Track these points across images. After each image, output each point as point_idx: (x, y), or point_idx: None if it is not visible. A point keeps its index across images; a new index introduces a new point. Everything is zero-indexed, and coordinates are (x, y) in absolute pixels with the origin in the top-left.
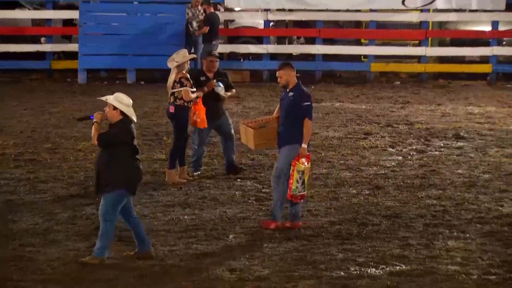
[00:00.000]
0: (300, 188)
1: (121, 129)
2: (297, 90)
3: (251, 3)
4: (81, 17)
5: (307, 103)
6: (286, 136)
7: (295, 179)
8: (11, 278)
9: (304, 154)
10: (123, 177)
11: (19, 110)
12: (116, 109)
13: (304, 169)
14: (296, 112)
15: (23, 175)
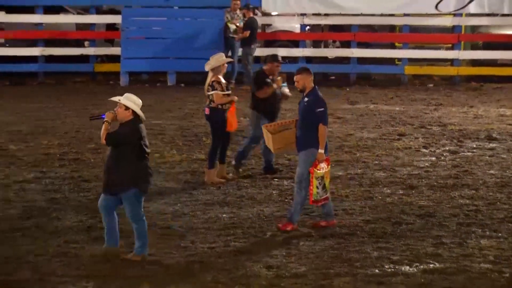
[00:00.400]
0: (322, 193)
1: (131, 128)
2: (312, 96)
3: (287, 8)
4: (124, 21)
5: (321, 109)
6: (303, 140)
7: (315, 185)
8: (56, 273)
9: (321, 159)
10: (132, 177)
11: (63, 112)
12: (128, 109)
13: (323, 174)
14: (311, 118)
15: (67, 174)
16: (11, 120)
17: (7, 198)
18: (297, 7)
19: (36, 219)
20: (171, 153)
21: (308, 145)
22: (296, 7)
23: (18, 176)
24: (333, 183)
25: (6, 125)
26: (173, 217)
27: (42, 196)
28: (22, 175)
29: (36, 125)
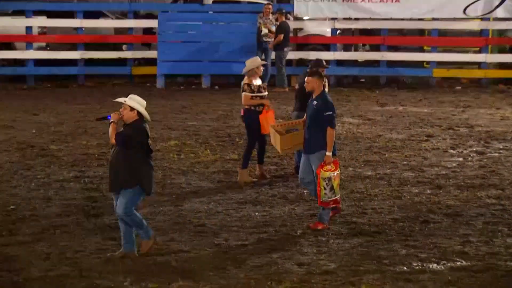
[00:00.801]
0: (330, 194)
1: (136, 129)
2: (321, 99)
3: (319, 13)
4: (160, 26)
5: (329, 113)
6: (312, 143)
7: (322, 186)
8: (95, 269)
9: (329, 162)
10: (137, 177)
11: (102, 113)
12: (133, 109)
13: (331, 176)
14: (319, 120)
15: (105, 174)
16: (52, 121)
17: (48, 197)
18: (329, 12)
19: (75, 216)
20: (205, 153)
21: (318, 148)
22: (327, 11)
23: (58, 175)
24: (362, 182)
25: (48, 126)
26: (207, 215)
27: (81, 195)
28: (62, 174)
29: (76, 126)
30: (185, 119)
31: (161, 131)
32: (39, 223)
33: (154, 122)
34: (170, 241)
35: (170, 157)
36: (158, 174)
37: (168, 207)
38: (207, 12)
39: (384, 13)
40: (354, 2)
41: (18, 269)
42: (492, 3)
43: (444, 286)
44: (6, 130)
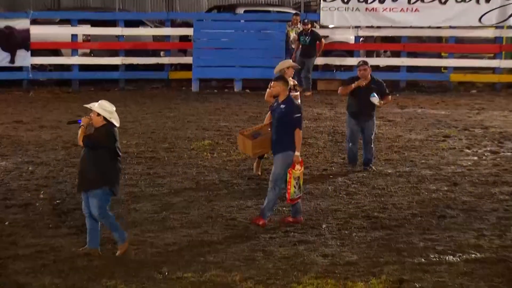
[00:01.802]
0: (298, 192)
1: (103, 133)
2: (288, 103)
3: (343, 21)
4: (195, 33)
5: (297, 115)
6: (280, 144)
7: (292, 185)
8: (134, 259)
9: (298, 161)
10: (104, 177)
11: (141, 114)
12: (100, 115)
13: (299, 174)
14: (287, 123)
15: (144, 171)
16: None
17: None
18: (353, 20)
19: (116, 210)
20: (236, 152)
21: (285, 148)
22: (351, 20)
23: None
24: (383, 180)
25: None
26: (238, 209)
27: (121, 190)
28: None
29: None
30: (218, 120)
31: (196, 132)
32: (83, 216)
33: (189, 123)
34: (204, 234)
35: (204, 155)
36: (193, 171)
37: (201, 202)
38: (239, 21)
39: (404, 21)
40: (376, 12)
41: (63, 259)
42: (506, 12)
43: (459, 277)
44: (53, 130)
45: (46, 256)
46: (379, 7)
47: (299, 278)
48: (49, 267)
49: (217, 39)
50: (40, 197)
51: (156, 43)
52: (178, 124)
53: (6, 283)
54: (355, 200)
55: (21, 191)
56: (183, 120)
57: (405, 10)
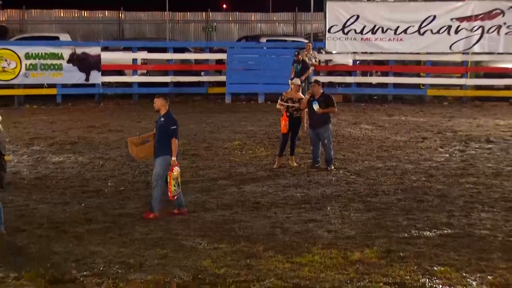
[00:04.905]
0: (177, 189)
1: None
2: (167, 116)
3: (343, 48)
4: (228, 57)
5: (173, 127)
6: (160, 150)
7: (172, 184)
8: (181, 233)
9: (174, 165)
10: None
11: (185, 121)
12: None
13: (177, 175)
14: (166, 133)
15: (188, 165)
16: (149, 126)
17: (147, 181)
18: (351, 48)
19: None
20: (260, 150)
21: (164, 153)
22: (350, 47)
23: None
24: (375, 172)
25: (146, 130)
26: (262, 195)
27: None
28: None
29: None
30: (246, 125)
31: (228, 134)
32: (141, 200)
33: (223, 127)
34: (234, 214)
35: (235, 153)
36: (226, 165)
37: (233, 189)
38: (262, 48)
39: (391, 48)
40: (369, 41)
41: (126, 232)
42: (470, 41)
43: (434, 248)
44: (117, 133)
45: (113, 231)
46: (371, 37)
47: (309, 248)
48: (115, 239)
49: (245, 62)
50: (108, 185)
51: (197, 65)
52: (214, 129)
53: (82, 251)
54: (353, 188)
55: (94, 180)
56: (219, 125)
57: (392, 39)
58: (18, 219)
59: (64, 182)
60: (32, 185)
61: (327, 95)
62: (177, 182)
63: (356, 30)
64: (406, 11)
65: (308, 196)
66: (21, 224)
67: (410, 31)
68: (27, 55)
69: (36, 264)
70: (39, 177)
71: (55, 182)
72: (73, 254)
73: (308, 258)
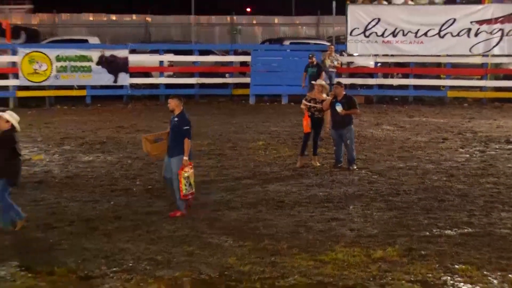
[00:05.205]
0: (189, 189)
1: (8, 136)
2: (181, 117)
3: (365, 51)
4: (252, 60)
5: (186, 127)
6: (174, 149)
7: (183, 183)
8: (206, 231)
9: (186, 164)
10: (4, 171)
11: (211, 122)
12: (8, 121)
13: (189, 175)
14: (179, 133)
15: (213, 164)
16: None
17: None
18: (372, 50)
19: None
20: (284, 150)
21: (178, 153)
22: (371, 50)
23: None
24: (396, 172)
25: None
26: (286, 194)
27: (196, 179)
28: None
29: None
30: (269, 126)
31: (253, 135)
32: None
33: (247, 128)
34: (259, 212)
35: (259, 153)
36: (251, 164)
37: (257, 188)
38: (286, 50)
39: (412, 51)
40: (390, 43)
41: (154, 230)
42: (490, 44)
43: (455, 246)
44: (145, 133)
45: (141, 228)
46: (392, 40)
47: (332, 246)
48: (143, 236)
49: (268, 64)
50: (136, 184)
51: (222, 67)
52: (239, 129)
53: (112, 248)
54: (375, 187)
55: (122, 179)
56: (243, 126)
57: (413, 42)
58: (49, 217)
59: (93, 180)
60: (63, 184)
61: (349, 96)
62: (189, 181)
63: (377, 33)
64: (426, 14)
65: (331, 195)
66: (52, 221)
67: (431, 34)
68: (57, 58)
69: (68, 260)
70: (69, 176)
71: (85, 180)
72: (103, 250)
73: (331, 256)
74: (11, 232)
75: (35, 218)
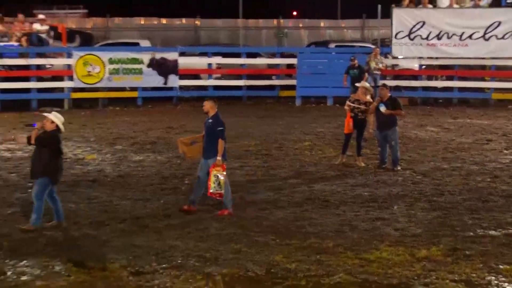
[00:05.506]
0: (217, 188)
1: (51, 136)
2: (215, 118)
3: (409, 53)
4: (299, 62)
5: (220, 128)
6: (210, 151)
7: (212, 181)
8: (253, 229)
9: (219, 164)
10: (46, 170)
11: (258, 123)
12: (53, 122)
13: (219, 174)
14: (213, 134)
15: (260, 164)
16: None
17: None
18: (417, 53)
19: (240, 193)
20: (329, 150)
21: (213, 154)
22: (416, 52)
23: (228, 165)
24: (440, 173)
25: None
26: (331, 193)
27: (243, 178)
28: (231, 164)
29: (240, 131)
30: (315, 127)
31: (299, 135)
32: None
33: (294, 129)
34: (304, 211)
35: (305, 153)
36: (297, 165)
37: (303, 188)
38: (331, 53)
39: (456, 53)
40: (435, 46)
41: (203, 228)
42: None
43: (500, 246)
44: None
45: (190, 226)
46: (437, 42)
47: (377, 245)
48: (192, 234)
49: (314, 66)
50: (185, 183)
51: (269, 69)
52: (285, 130)
53: (162, 245)
54: (419, 187)
55: (172, 178)
56: (289, 127)
57: (457, 45)
58: (102, 214)
59: (144, 179)
60: (115, 183)
61: (394, 98)
62: (218, 181)
63: (422, 36)
64: (471, 17)
65: (375, 195)
66: (105, 219)
67: (475, 37)
68: (110, 60)
69: (119, 256)
70: (121, 175)
71: (136, 179)
72: (153, 247)
73: (376, 255)
74: (65, 229)
75: (88, 216)
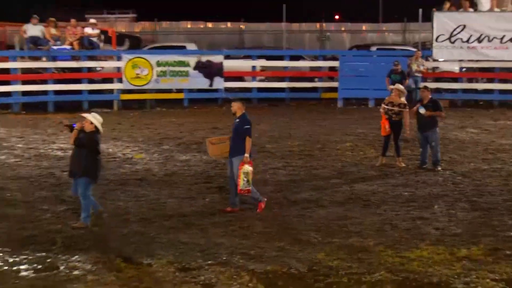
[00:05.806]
0: (246, 185)
1: (90, 137)
2: (242, 118)
3: (450, 56)
4: (341, 65)
5: (247, 126)
6: (236, 149)
7: (242, 178)
8: (296, 228)
9: (247, 162)
10: (86, 170)
11: (301, 124)
12: (92, 123)
13: (248, 171)
14: (241, 132)
15: (303, 164)
16: (267, 128)
17: (264, 179)
18: (458, 55)
19: (283, 193)
20: (370, 151)
21: (240, 152)
22: (456, 55)
23: (272, 164)
24: (480, 173)
25: (265, 132)
26: (372, 193)
27: (286, 178)
28: (275, 164)
29: (283, 131)
30: (357, 128)
31: (340, 136)
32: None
33: (335, 130)
34: (346, 210)
35: (346, 154)
36: (338, 165)
37: (345, 187)
38: (373, 56)
39: (497, 56)
40: (475, 49)
41: (247, 226)
42: None
43: None
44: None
45: (234, 224)
46: (477, 45)
47: (417, 244)
48: (236, 232)
49: (356, 69)
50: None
51: (312, 72)
52: (327, 131)
53: (207, 242)
54: (459, 188)
55: (217, 178)
56: (331, 128)
57: (498, 48)
58: (149, 212)
59: (190, 178)
60: (162, 181)
61: (434, 100)
62: (247, 178)
63: (463, 39)
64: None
65: (416, 195)
66: (152, 216)
67: None
68: (158, 63)
69: (166, 252)
70: (168, 174)
71: (182, 178)
72: (199, 244)
73: (417, 253)
74: (113, 226)
75: (137, 213)
